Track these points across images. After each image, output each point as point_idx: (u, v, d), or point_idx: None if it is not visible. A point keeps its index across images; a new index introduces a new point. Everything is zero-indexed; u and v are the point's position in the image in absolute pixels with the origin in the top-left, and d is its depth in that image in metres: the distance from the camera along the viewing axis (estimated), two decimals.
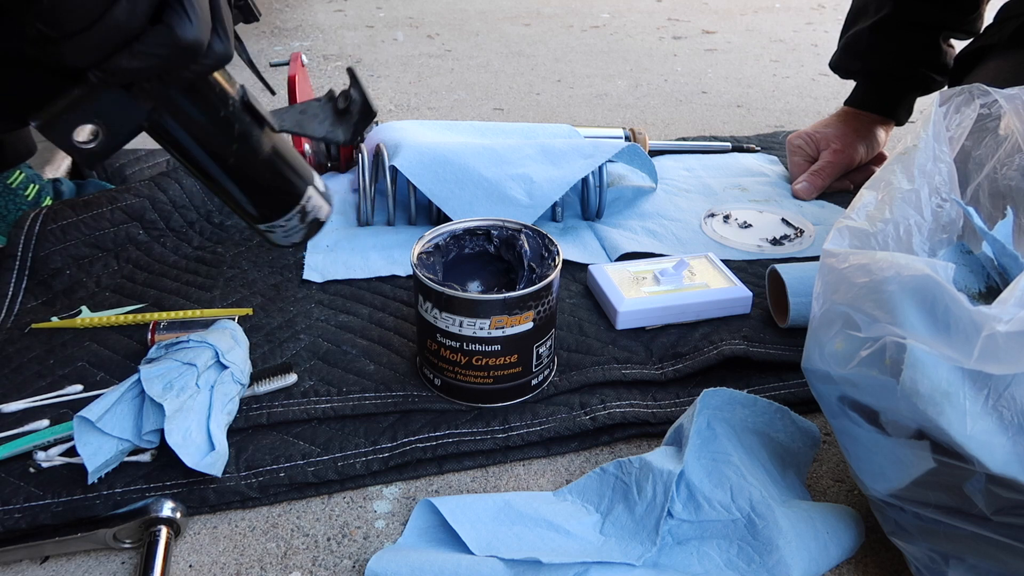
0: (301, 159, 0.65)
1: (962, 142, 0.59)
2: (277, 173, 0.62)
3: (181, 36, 0.46)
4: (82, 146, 0.48)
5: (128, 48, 0.45)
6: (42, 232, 0.82)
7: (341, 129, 0.63)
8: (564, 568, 0.51)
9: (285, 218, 0.63)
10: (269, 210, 0.62)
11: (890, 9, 0.99)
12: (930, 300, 0.42)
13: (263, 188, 0.61)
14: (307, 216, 0.65)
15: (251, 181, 0.60)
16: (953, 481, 0.43)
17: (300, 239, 0.66)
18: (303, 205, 0.64)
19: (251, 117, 0.59)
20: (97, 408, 0.57)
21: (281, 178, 0.62)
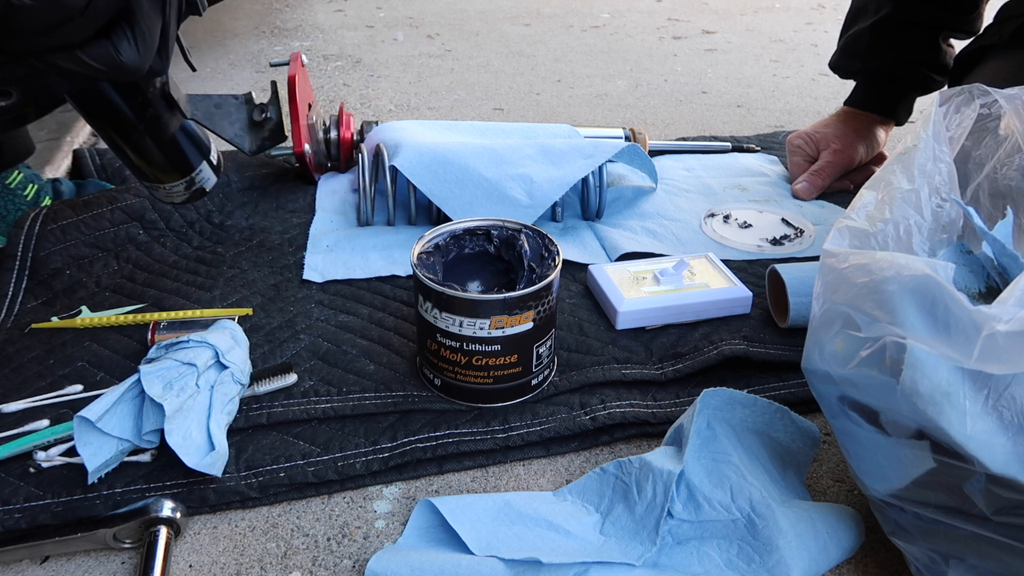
0: (201, 135, 0.68)
1: (962, 142, 0.59)
2: (177, 150, 0.65)
3: (122, 59, 0.47)
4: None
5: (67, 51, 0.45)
6: (42, 232, 0.82)
7: (250, 138, 0.67)
8: (564, 568, 0.51)
9: (172, 184, 0.67)
10: (159, 176, 0.66)
11: (890, 9, 0.99)
12: (930, 300, 0.42)
13: (159, 159, 0.65)
14: (193, 185, 0.68)
15: (151, 153, 0.64)
16: (953, 481, 0.43)
17: (180, 201, 0.69)
18: (192, 177, 0.67)
19: (166, 103, 0.62)
20: (97, 408, 0.57)
21: (179, 154, 0.65)
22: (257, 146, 0.67)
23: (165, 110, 0.62)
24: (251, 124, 0.67)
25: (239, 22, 1.84)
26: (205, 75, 1.50)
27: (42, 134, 1.14)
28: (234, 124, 0.67)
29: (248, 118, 0.67)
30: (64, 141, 1.13)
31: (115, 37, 0.46)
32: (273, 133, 0.66)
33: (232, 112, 0.67)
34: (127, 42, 0.47)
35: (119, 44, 0.46)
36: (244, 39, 1.72)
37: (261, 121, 0.66)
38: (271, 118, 0.66)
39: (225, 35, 1.75)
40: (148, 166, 0.65)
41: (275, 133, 0.66)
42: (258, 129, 0.67)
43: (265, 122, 0.66)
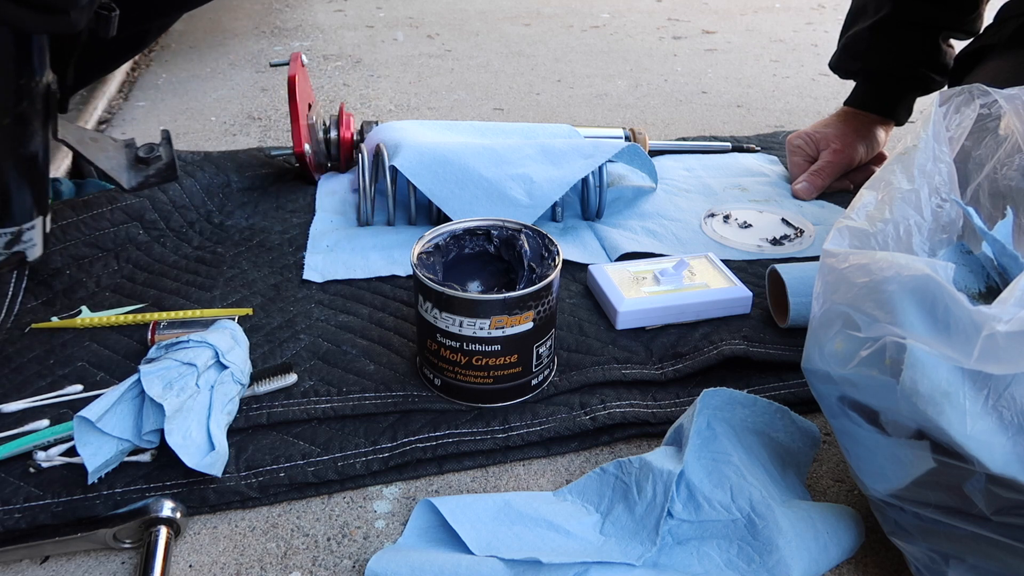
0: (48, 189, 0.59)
1: (962, 142, 0.59)
2: (22, 179, 0.55)
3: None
4: None
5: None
6: None
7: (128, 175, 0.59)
8: (564, 568, 0.51)
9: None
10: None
11: (889, 9, 0.99)
12: (930, 300, 0.42)
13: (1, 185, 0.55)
14: (16, 243, 0.58)
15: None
16: (953, 481, 0.43)
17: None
18: (21, 229, 0.57)
19: (42, 107, 0.53)
20: (97, 408, 0.57)
21: (23, 188, 0.55)
22: (138, 183, 0.59)
23: (38, 115, 0.53)
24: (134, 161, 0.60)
25: (239, 22, 1.84)
26: (205, 75, 1.50)
27: None
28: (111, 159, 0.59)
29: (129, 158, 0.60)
30: None
31: None
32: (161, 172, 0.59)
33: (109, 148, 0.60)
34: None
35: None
36: (244, 39, 1.72)
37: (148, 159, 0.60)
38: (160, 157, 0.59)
39: (225, 35, 1.75)
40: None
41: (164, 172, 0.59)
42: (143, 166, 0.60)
43: (152, 160, 0.60)
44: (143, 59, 1.59)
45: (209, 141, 1.21)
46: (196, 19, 1.85)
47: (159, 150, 0.60)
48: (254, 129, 1.26)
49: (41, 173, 0.56)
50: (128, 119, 1.31)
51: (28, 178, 0.55)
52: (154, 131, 1.21)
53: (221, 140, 1.21)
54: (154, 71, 1.53)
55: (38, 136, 0.54)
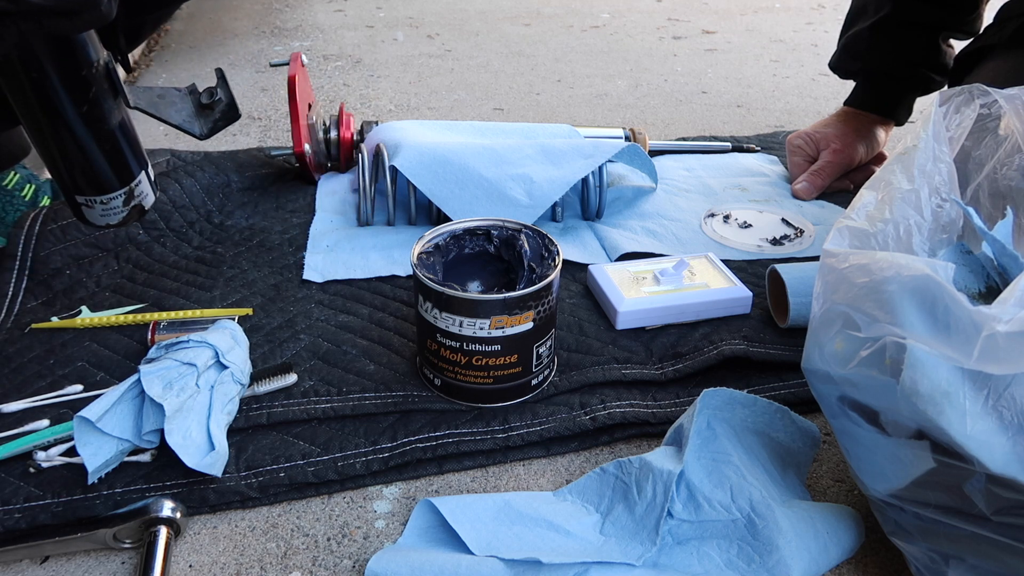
0: (140, 143, 0.64)
1: (962, 142, 0.59)
2: (117, 149, 0.60)
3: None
4: None
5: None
6: (42, 232, 0.82)
7: (199, 122, 0.63)
8: (564, 568, 0.51)
9: (110, 195, 0.62)
10: (98, 182, 0.61)
11: (889, 9, 0.99)
12: (930, 300, 0.42)
13: (97, 160, 0.60)
14: (133, 199, 0.64)
15: (90, 149, 0.59)
16: (953, 481, 0.43)
17: (117, 222, 0.65)
18: (131, 187, 0.63)
19: (109, 85, 0.58)
20: (97, 408, 0.57)
21: (119, 155, 0.61)
22: (208, 128, 0.63)
23: (108, 94, 0.57)
24: (200, 109, 0.63)
25: (239, 22, 1.84)
26: (205, 75, 1.50)
27: None
28: (180, 111, 0.63)
29: (195, 105, 0.63)
30: None
31: None
32: (225, 113, 0.63)
33: (176, 101, 0.63)
34: None
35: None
36: (244, 39, 1.72)
37: (211, 103, 0.63)
38: (221, 99, 0.63)
39: (225, 35, 1.75)
40: (85, 169, 0.60)
41: (227, 113, 0.63)
42: (208, 112, 0.63)
43: (215, 104, 0.63)
44: (143, 59, 1.59)
45: (209, 141, 1.21)
46: (196, 19, 1.85)
47: (218, 92, 0.63)
48: (254, 129, 1.26)
49: (130, 136, 0.62)
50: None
51: (120, 145, 0.60)
52: (155, 129, 1.21)
53: (221, 140, 1.21)
54: (154, 71, 1.53)
55: (115, 109, 0.59)
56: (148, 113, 0.62)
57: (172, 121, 0.62)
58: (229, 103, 0.63)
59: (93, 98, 0.57)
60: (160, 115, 0.62)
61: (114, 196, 0.62)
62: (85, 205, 0.63)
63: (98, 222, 0.65)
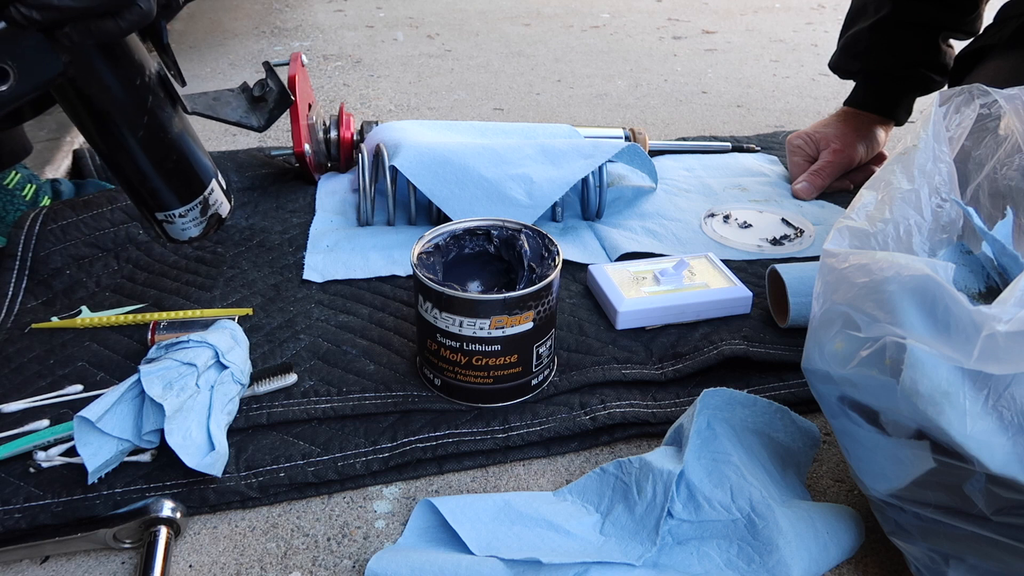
0: (206, 151, 0.65)
1: (962, 142, 0.59)
2: (183, 158, 0.61)
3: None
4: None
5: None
6: (42, 232, 0.82)
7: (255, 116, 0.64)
8: (564, 568, 0.51)
9: (186, 207, 0.63)
10: (172, 195, 0.62)
11: (889, 9, 0.99)
12: (930, 300, 0.42)
13: (168, 171, 0.61)
14: (209, 208, 0.65)
15: (157, 161, 0.60)
16: (953, 481, 0.43)
17: (197, 234, 0.66)
18: (205, 196, 0.64)
19: (165, 93, 0.58)
20: (97, 408, 0.57)
21: (186, 164, 0.61)
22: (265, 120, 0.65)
23: (166, 102, 0.58)
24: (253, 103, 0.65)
25: (239, 22, 1.84)
26: (205, 75, 1.50)
27: (42, 134, 1.14)
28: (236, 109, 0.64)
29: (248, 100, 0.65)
30: (64, 141, 1.13)
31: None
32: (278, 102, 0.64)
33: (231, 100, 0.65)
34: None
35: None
36: (244, 39, 1.72)
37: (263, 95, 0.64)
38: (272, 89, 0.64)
39: (225, 35, 1.75)
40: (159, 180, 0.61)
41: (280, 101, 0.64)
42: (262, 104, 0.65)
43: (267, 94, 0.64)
44: None
45: (209, 141, 1.21)
46: (196, 19, 1.85)
47: (268, 83, 0.64)
48: None
49: (195, 143, 0.62)
50: None
51: (186, 154, 0.61)
52: None
53: (221, 140, 1.21)
54: None
55: (174, 117, 0.59)
56: (206, 116, 0.62)
57: (230, 119, 0.63)
58: (280, 91, 0.64)
59: (151, 108, 0.57)
60: (218, 116, 0.63)
61: (191, 207, 0.63)
62: (166, 221, 0.64)
63: (181, 237, 0.66)
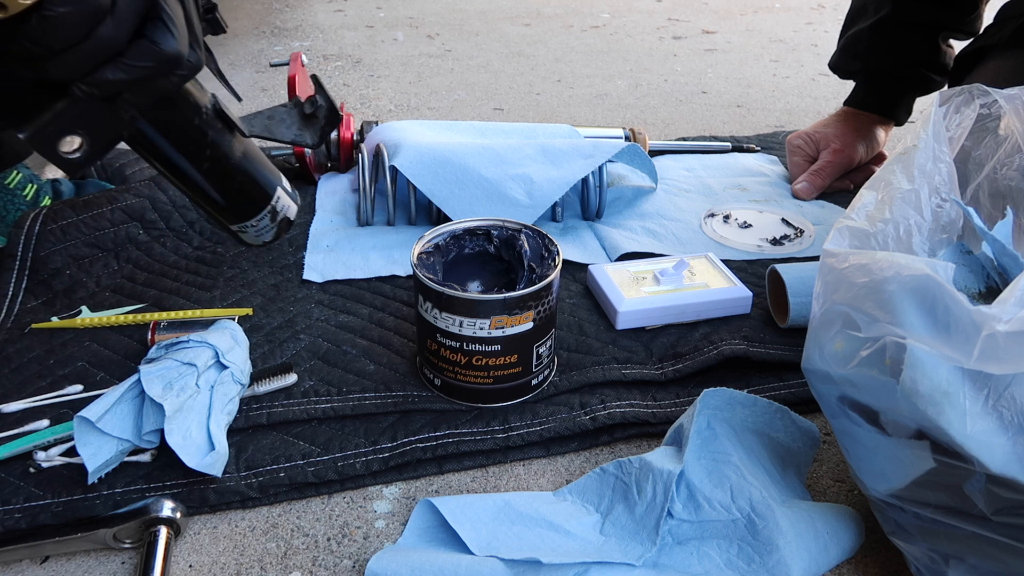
0: (268, 161, 0.69)
1: (962, 142, 0.59)
2: (248, 175, 0.65)
3: (164, 49, 0.48)
4: (66, 156, 0.50)
5: (113, 62, 0.47)
6: (42, 232, 0.82)
7: (309, 133, 0.67)
8: (564, 568, 0.51)
9: (256, 218, 0.67)
10: (242, 211, 0.66)
11: (889, 9, 0.99)
12: (930, 300, 0.42)
13: (235, 190, 0.64)
14: (277, 215, 0.68)
15: (224, 184, 0.63)
16: (953, 481, 0.43)
17: (271, 238, 0.69)
18: (273, 205, 0.67)
19: (222, 124, 0.62)
20: (97, 408, 0.57)
21: (252, 180, 0.65)
22: (318, 137, 0.67)
23: (225, 131, 0.62)
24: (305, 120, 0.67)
25: (239, 22, 1.84)
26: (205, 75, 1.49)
27: None
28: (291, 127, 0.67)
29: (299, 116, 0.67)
30: None
31: (148, 31, 0.48)
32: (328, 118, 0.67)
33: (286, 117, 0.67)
34: (160, 32, 0.48)
35: (154, 36, 0.48)
36: (244, 39, 1.72)
37: (314, 112, 0.67)
38: (322, 105, 0.67)
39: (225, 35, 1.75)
40: (228, 199, 0.65)
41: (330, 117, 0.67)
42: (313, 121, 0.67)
43: (318, 111, 0.67)
44: None
45: None
46: None
47: (318, 99, 0.67)
48: None
49: (256, 160, 0.66)
50: None
51: (250, 173, 0.64)
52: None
53: None
54: None
55: (233, 143, 0.63)
56: (263, 137, 0.65)
57: (285, 139, 0.66)
58: (330, 108, 0.66)
59: (211, 141, 0.61)
60: (274, 136, 0.66)
61: (260, 217, 0.67)
62: (241, 232, 0.68)
63: (255, 242, 0.70)
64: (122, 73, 0.48)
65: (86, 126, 0.50)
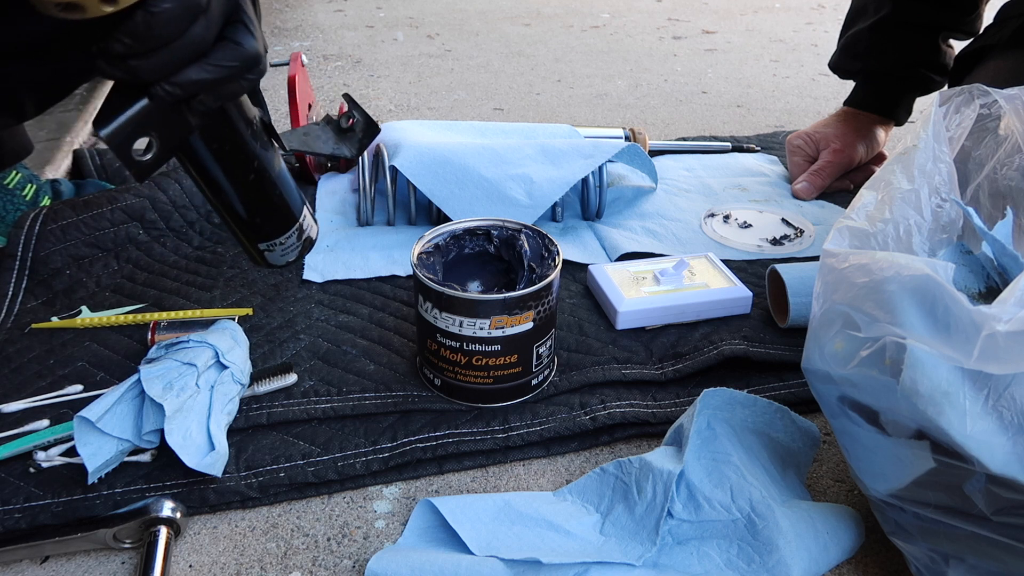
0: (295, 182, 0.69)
1: (962, 142, 0.59)
2: (283, 192, 0.65)
3: (247, 50, 0.50)
4: (138, 158, 0.50)
5: (198, 62, 0.48)
6: (42, 232, 0.82)
7: (346, 146, 0.69)
8: (564, 568, 0.51)
9: (286, 235, 0.66)
10: (273, 227, 0.66)
11: (889, 10, 0.99)
12: (930, 300, 0.42)
13: (272, 205, 0.64)
14: (303, 234, 0.68)
15: (263, 198, 0.63)
16: (953, 481, 0.43)
17: (294, 257, 0.69)
18: (300, 223, 0.67)
19: (268, 136, 0.62)
20: (97, 408, 0.57)
21: (286, 197, 0.65)
22: (356, 149, 0.69)
23: (269, 145, 0.62)
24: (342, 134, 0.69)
25: None
26: None
27: (42, 134, 1.14)
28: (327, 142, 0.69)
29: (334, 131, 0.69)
30: (64, 141, 1.13)
31: (230, 33, 0.49)
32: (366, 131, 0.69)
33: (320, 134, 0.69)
34: (242, 33, 0.49)
35: (237, 37, 0.49)
36: None
37: (350, 126, 0.69)
38: (358, 119, 0.69)
39: None
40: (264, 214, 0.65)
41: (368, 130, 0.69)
42: (350, 135, 0.69)
43: (355, 125, 0.69)
44: None
45: None
46: None
47: (353, 113, 0.68)
48: None
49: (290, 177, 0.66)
50: None
51: (286, 188, 0.65)
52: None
53: None
54: None
55: (275, 157, 0.64)
56: (302, 151, 0.67)
57: (323, 152, 0.68)
58: (367, 121, 0.68)
59: (258, 155, 0.61)
60: (312, 150, 0.68)
61: (289, 235, 0.67)
62: (267, 250, 0.67)
63: (279, 262, 0.69)
64: (206, 73, 0.48)
65: (158, 128, 0.50)
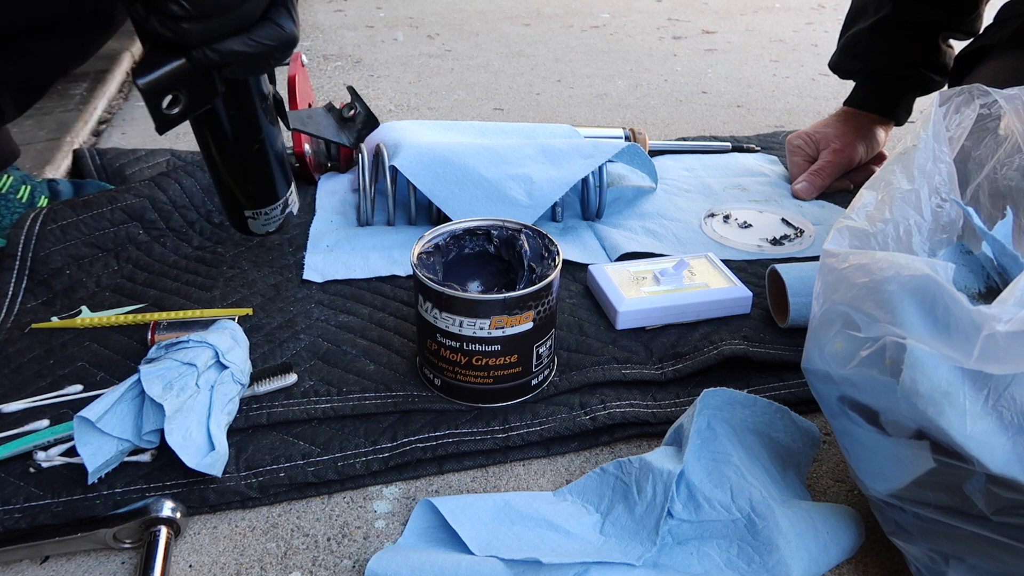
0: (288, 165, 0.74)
1: (962, 142, 0.59)
2: (280, 165, 0.69)
3: (286, 32, 0.54)
4: (166, 111, 0.55)
5: (239, 35, 0.52)
6: (42, 232, 0.82)
7: (346, 134, 0.73)
8: (564, 568, 0.51)
9: (272, 206, 0.71)
10: (264, 197, 0.70)
11: (889, 10, 0.99)
12: (930, 300, 0.42)
13: (268, 176, 0.69)
14: (287, 208, 0.73)
15: (262, 168, 0.68)
16: (953, 481, 0.43)
17: (274, 229, 0.74)
18: (287, 196, 0.72)
19: (278, 110, 0.66)
20: (97, 408, 0.57)
21: (282, 170, 0.70)
22: (355, 138, 0.74)
23: (276, 120, 0.66)
24: (343, 122, 0.73)
25: None
26: None
27: (42, 134, 1.14)
28: (329, 127, 0.73)
29: (336, 120, 0.73)
30: (64, 141, 1.13)
31: (272, 14, 0.54)
32: (365, 123, 0.74)
33: (321, 119, 0.73)
34: (284, 16, 0.54)
35: (279, 19, 0.54)
36: None
37: (351, 117, 0.73)
38: (360, 111, 0.73)
39: None
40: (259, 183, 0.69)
41: (367, 123, 0.74)
42: (350, 124, 0.73)
43: (356, 116, 0.73)
44: None
45: None
46: None
47: (356, 105, 0.73)
48: None
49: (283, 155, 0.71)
50: (128, 119, 1.31)
51: (280, 164, 0.70)
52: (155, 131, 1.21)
53: None
54: None
55: (279, 134, 0.68)
56: (304, 132, 0.71)
57: (324, 136, 0.72)
58: (367, 114, 0.72)
59: (266, 127, 0.65)
60: (314, 132, 0.72)
61: (276, 205, 0.71)
62: (251, 218, 0.71)
63: (259, 231, 0.74)
64: (246, 47, 0.52)
65: (188, 88, 0.54)
